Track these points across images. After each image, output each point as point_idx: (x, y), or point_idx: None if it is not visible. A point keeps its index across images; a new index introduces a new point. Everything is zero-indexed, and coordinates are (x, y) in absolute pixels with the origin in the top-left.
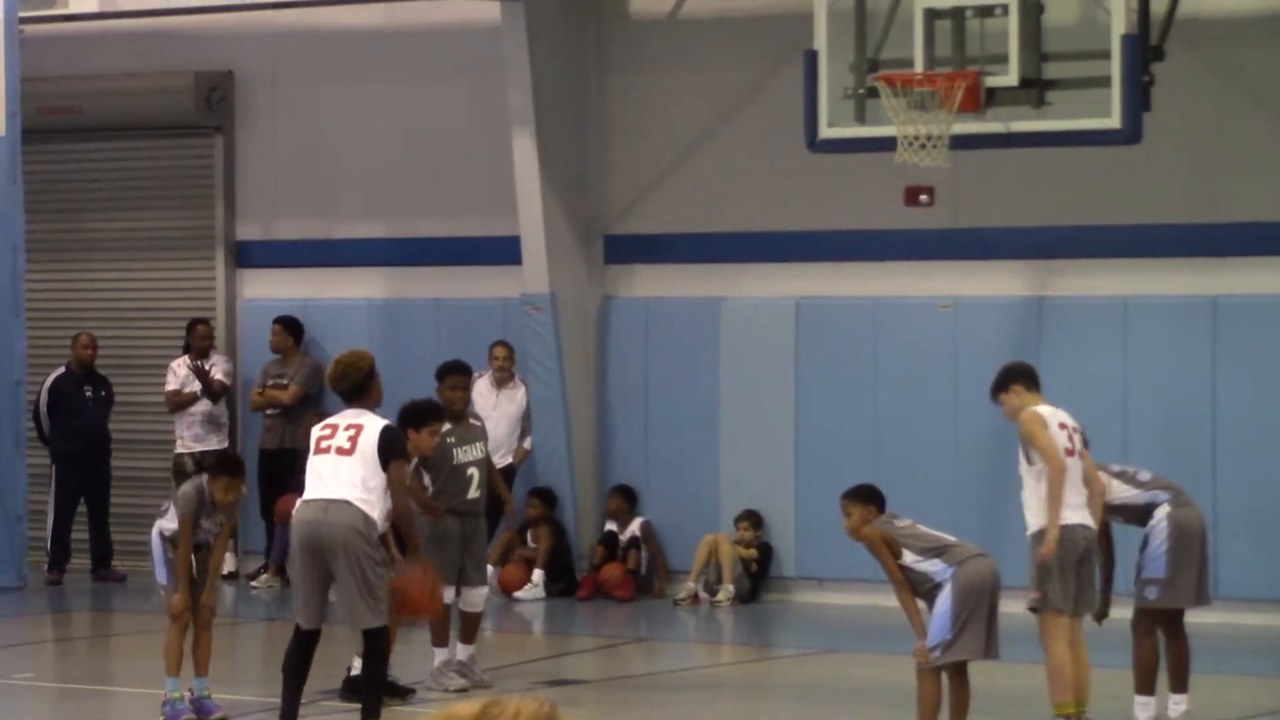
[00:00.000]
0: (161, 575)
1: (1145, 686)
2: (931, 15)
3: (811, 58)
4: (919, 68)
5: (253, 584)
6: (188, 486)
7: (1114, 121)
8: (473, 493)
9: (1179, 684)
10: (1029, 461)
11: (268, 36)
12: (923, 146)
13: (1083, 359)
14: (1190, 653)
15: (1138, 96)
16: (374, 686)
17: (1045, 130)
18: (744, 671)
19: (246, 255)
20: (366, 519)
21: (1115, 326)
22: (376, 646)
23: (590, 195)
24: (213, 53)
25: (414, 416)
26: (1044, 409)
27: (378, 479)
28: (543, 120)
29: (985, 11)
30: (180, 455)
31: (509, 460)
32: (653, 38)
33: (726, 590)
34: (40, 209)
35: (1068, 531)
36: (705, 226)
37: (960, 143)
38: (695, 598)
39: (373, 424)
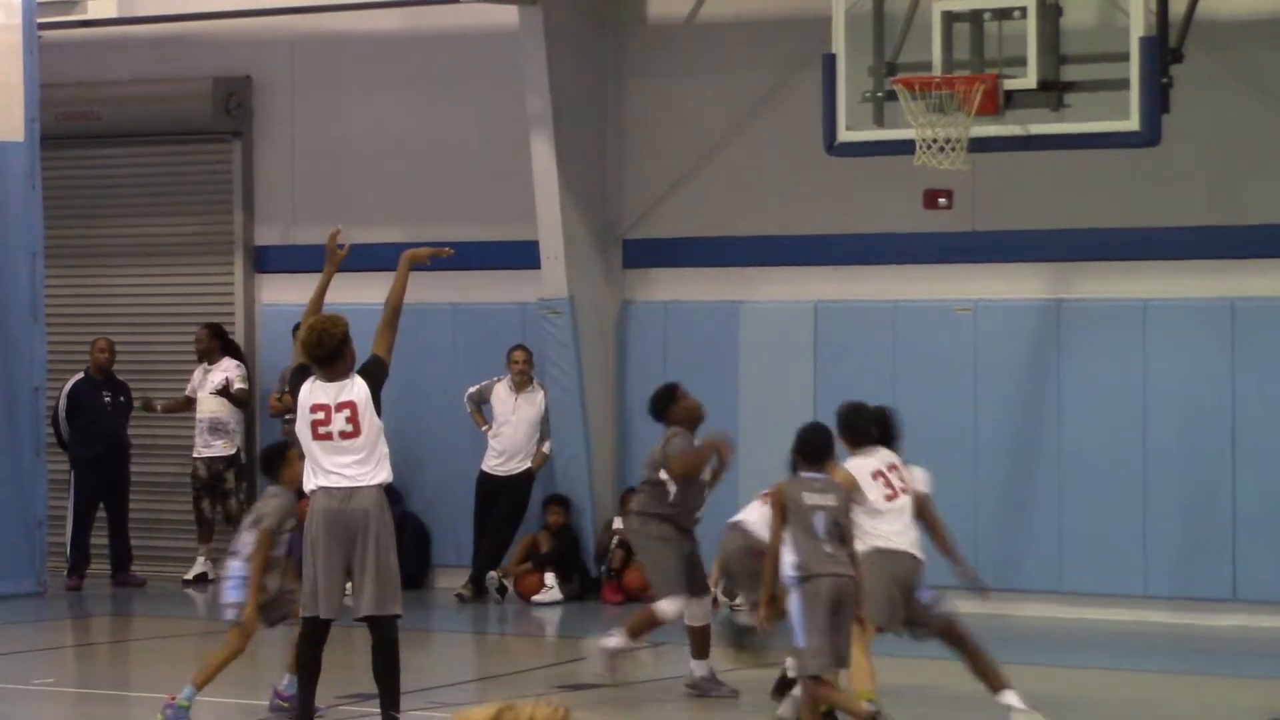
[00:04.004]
0: (236, 594)
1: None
2: (950, 18)
3: (830, 61)
4: (937, 70)
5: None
6: (280, 500)
7: (1133, 124)
8: (700, 511)
9: (997, 682)
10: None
11: (286, 42)
12: (941, 149)
13: (1102, 362)
14: (985, 650)
15: (1156, 99)
16: (395, 675)
17: (1064, 133)
18: (762, 676)
19: (265, 260)
20: (384, 498)
21: (1134, 329)
22: (392, 635)
23: (608, 199)
24: (231, 58)
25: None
26: (856, 463)
27: (381, 442)
28: (561, 125)
29: (1003, 14)
30: (194, 460)
31: (527, 465)
32: (671, 42)
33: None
34: (59, 215)
35: (896, 556)
36: (723, 230)
37: (979, 145)
38: (714, 602)
39: (359, 389)
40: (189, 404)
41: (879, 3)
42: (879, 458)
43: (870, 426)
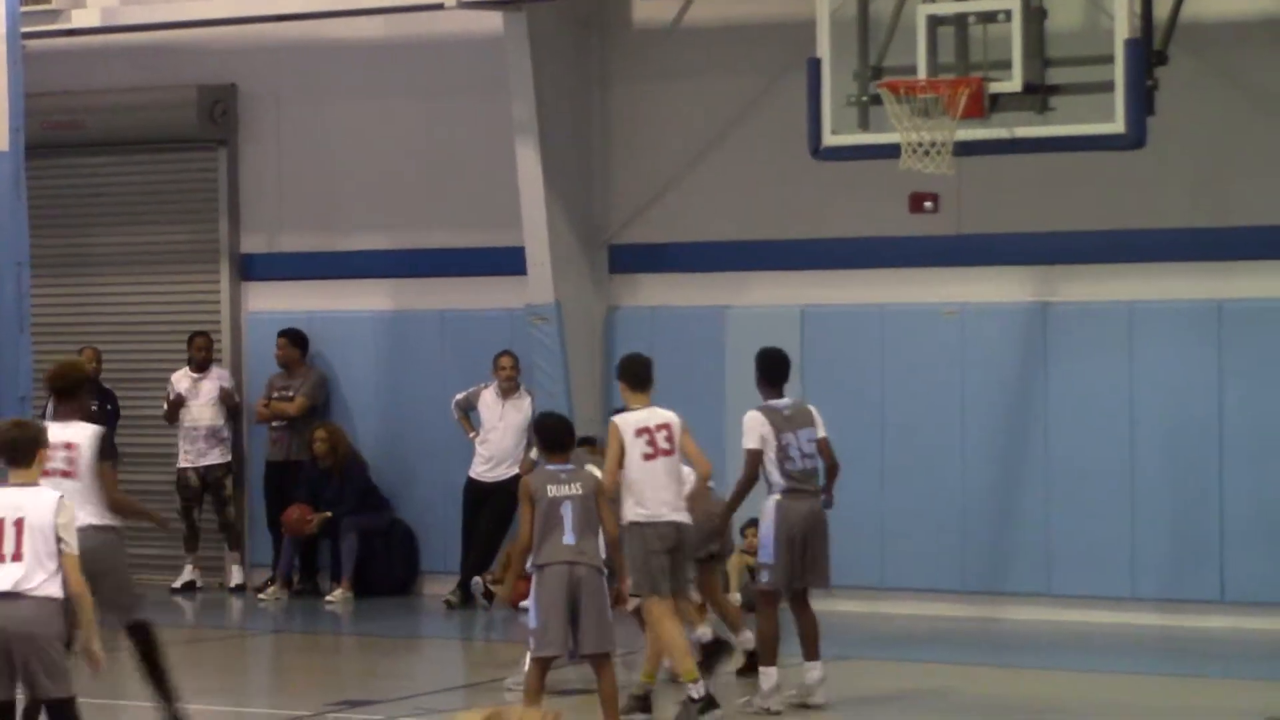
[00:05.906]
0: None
1: (768, 658)
2: (934, 22)
3: (815, 65)
4: (922, 74)
5: (259, 596)
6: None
7: (1118, 126)
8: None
9: (811, 653)
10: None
11: (270, 49)
12: (927, 153)
13: (1089, 364)
14: (818, 625)
15: (1141, 101)
16: None
17: (1049, 135)
18: (752, 681)
19: (251, 268)
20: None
21: (1121, 332)
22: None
23: (594, 205)
24: (216, 66)
25: None
26: (627, 417)
27: (96, 486)
28: (546, 131)
29: (988, 17)
30: (183, 469)
31: (514, 471)
32: (656, 48)
33: (734, 599)
34: (45, 224)
35: (654, 526)
36: (710, 235)
37: (964, 149)
38: (702, 607)
39: (85, 436)
40: (176, 412)
41: (864, 7)
42: (648, 414)
43: (647, 375)
